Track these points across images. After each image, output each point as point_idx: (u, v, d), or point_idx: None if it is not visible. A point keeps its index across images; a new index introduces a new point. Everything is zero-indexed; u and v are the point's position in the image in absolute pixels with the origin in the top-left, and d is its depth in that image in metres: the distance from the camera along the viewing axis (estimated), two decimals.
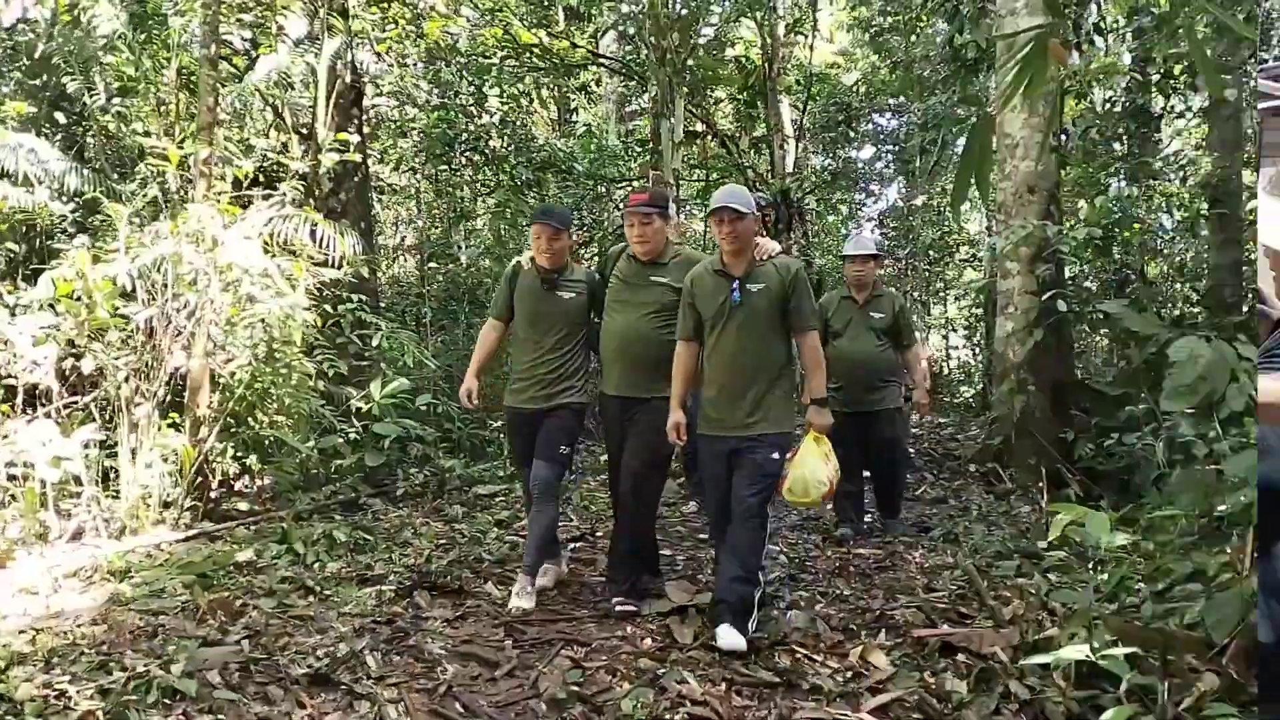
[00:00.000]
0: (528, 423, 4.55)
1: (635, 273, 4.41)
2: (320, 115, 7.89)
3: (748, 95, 14.89)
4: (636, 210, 4.34)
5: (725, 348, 4.01)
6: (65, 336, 5.42)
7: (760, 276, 3.99)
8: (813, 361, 4.07)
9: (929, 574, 5.05)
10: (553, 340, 4.52)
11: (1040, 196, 7.65)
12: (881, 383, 5.98)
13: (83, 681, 3.15)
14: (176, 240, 5.49)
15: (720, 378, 4.04)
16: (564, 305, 4.54)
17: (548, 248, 4.48)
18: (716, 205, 3.94)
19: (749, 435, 3.96)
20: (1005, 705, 3.28)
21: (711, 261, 4.12)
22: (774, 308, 3.98)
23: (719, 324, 4.00)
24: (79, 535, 4.97)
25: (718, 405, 4.06)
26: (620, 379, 4.39)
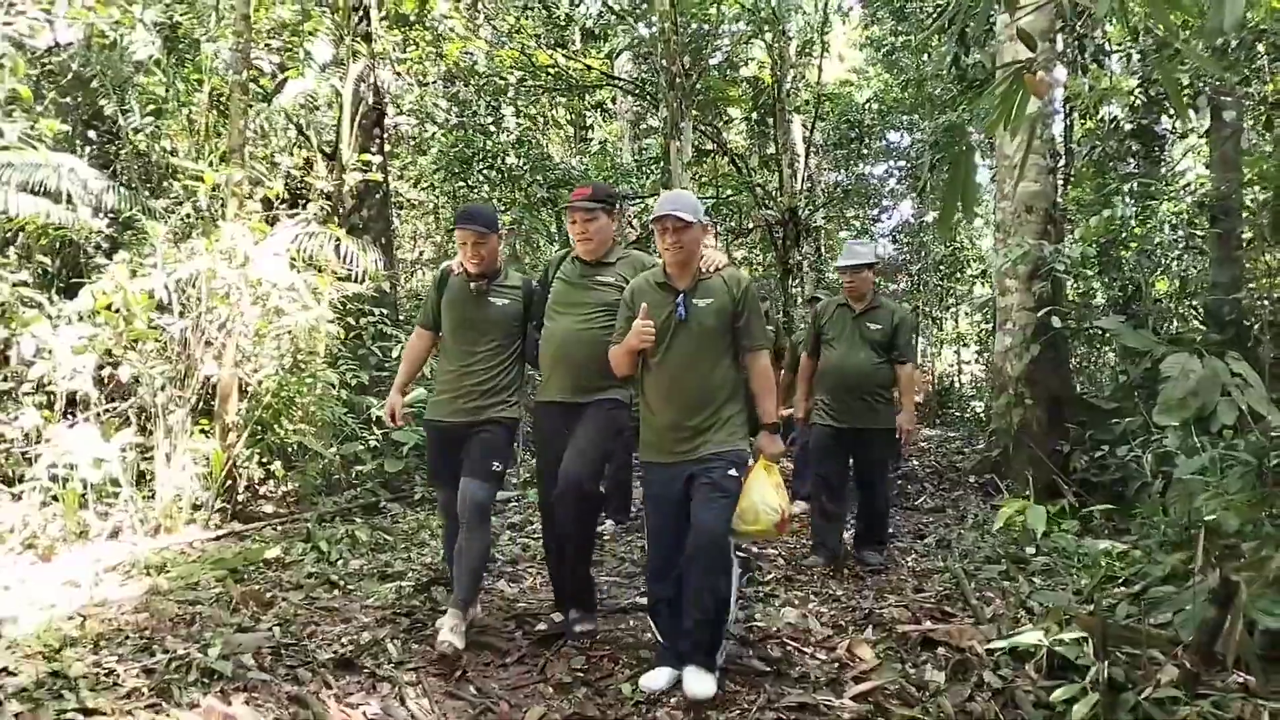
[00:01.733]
0: (450, 438, 4.12)
1: (578, 274, 4.10)
2: (344, 136, 8.22)
3: (758, 114, 15.20)
4: (579, 206, 4.01)
5: (669, 368, 3.64)
6: (103, 346, 5.75)
7: (707, 290, 3.66)
8: (763, 385, 3.72)
9: (919, 577, 5.30)
10: (483, 350, 4.13)
11: (1038, 215, 7.89)
12: (873, 399, 5.56)
13: (129, 662, 3.44)
14: (210, 256, 5.82)
15: (664, 401, 3.66)
16: (495, 313, 4.16)
17: (474, 253, 4.11)
18: (659, 212, 3.61)
19: (699, 457, 3.60)
20: (978, 693, 3.51)
21: (654, 273, 3.78)
22: (722, 324, 3.64)
23: (662, 341, 3.63)
24: (117, 533, 5.27)
25: (662, 431, 3.69)
26: (560, 384, 4.06)
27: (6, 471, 5.47)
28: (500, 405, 4.12)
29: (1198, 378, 5.77)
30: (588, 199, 4.02)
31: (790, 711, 3.46)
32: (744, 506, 3.61)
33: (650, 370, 3.71)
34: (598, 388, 3.99)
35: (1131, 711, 3.05)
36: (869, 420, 5.54)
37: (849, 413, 5.56)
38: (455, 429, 4.10)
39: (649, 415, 3.74)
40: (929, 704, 3.47)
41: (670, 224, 3.57)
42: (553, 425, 4.11)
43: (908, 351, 5.71)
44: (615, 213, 4.14)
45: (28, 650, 3.51)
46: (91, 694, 3.19)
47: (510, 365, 4.19)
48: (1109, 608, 4.11)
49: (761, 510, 3.60)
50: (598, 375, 3.94)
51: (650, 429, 3.75)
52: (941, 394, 17.96)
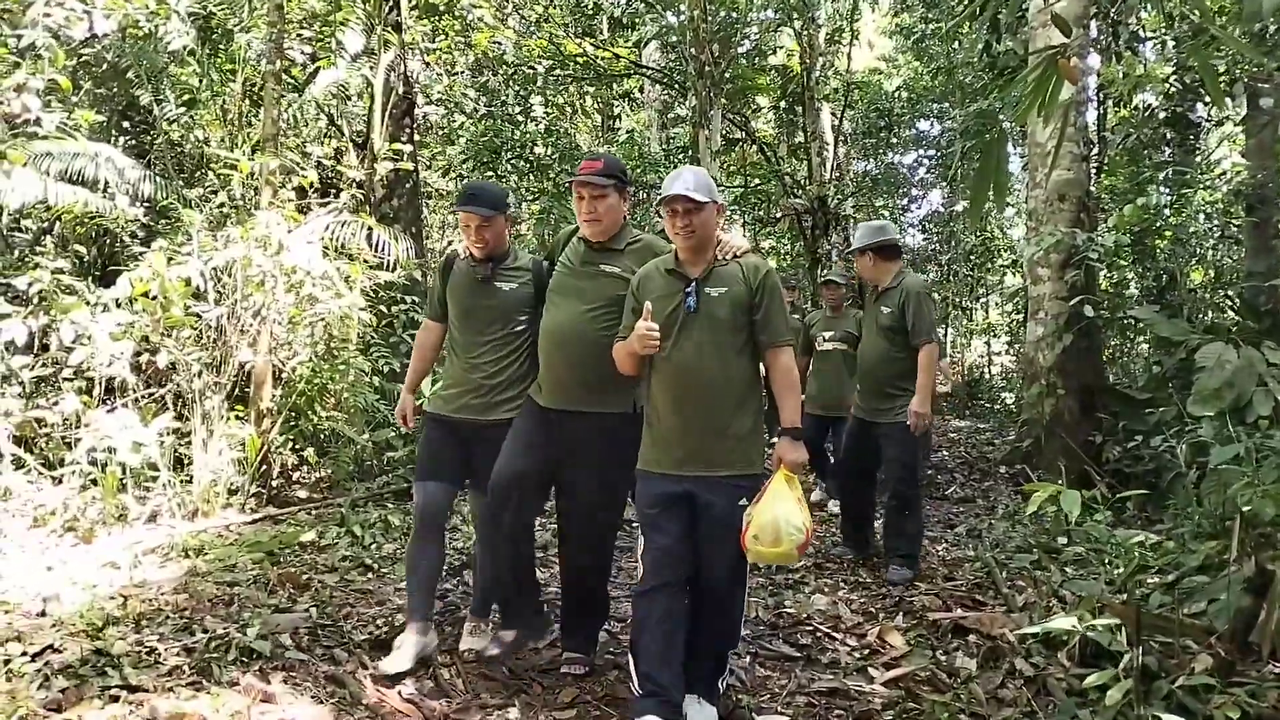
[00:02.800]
0: (452, 435, 3.76)
1: (582, 258, 3.60)
2: (375, 126, 8.28)
3: (787, 102, 15.14)
4: (587, 180, 3.49)
5: (676, 365, 3.18)
6: (141, 333, 5.84)
7: (722, 279, 3.22)
8: (785, 384, 3.22)
9: (950, 565, 5.29)
10: (490, 339, 3.76)
11: (1070, 204, 7.82)
12: (890, 390, 5.13)
13: (169, 640, 3.51)
14: (245, 244, 5.89)
15: (668, 402, 3.21)
16: (502, 298, 3.78)
17: (478, 236, 3.74)
18: (667, 192, 3.18)
19: (706, 477, 3.14)
20: (1010, 681, 3.52)
21: (665, 259, 3.34)
22: (738, 317, 3.19)
23: (669, 335, 3.18)
24: (155, 517, 5.36)
25: (665, 437, 3.22)
26: (555, 387, 3.54)
27: (47, 456, 5.57)
28: (511, 403, 3.71)
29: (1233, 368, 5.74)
30: (598, 173, 3.49)
31: (821, 696, 3.48)
32: (762, 523, 3.04)
33: (657, 367, 3.26)
34: (597, 394, 3.48)
35: (1165, 700, 3.03)
36: (884, 413, 5.15)
37: (869, 405, 5.26)
38: (460, 426, 3.75)
39: (653, 417, 3.29)
40: (960, 690, 3.48)
41: (680, 205, 3.15)
42: (532, 431, 3.56)
43: (922, 329, 5.06)
44: (628, 192, 3.63)
45: (72, 629, 3.59)
46: (134, 671, 3.26)
47: (521, 356, 3.78)
48: (1142, 597, 4.08)
49: (784, 529, 3.04)
50: (597, 379, 3.45)
51: (652, 434, 3.28)
52: (971, 385, 17.86)
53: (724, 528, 3.10)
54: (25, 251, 7.72)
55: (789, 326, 3.29)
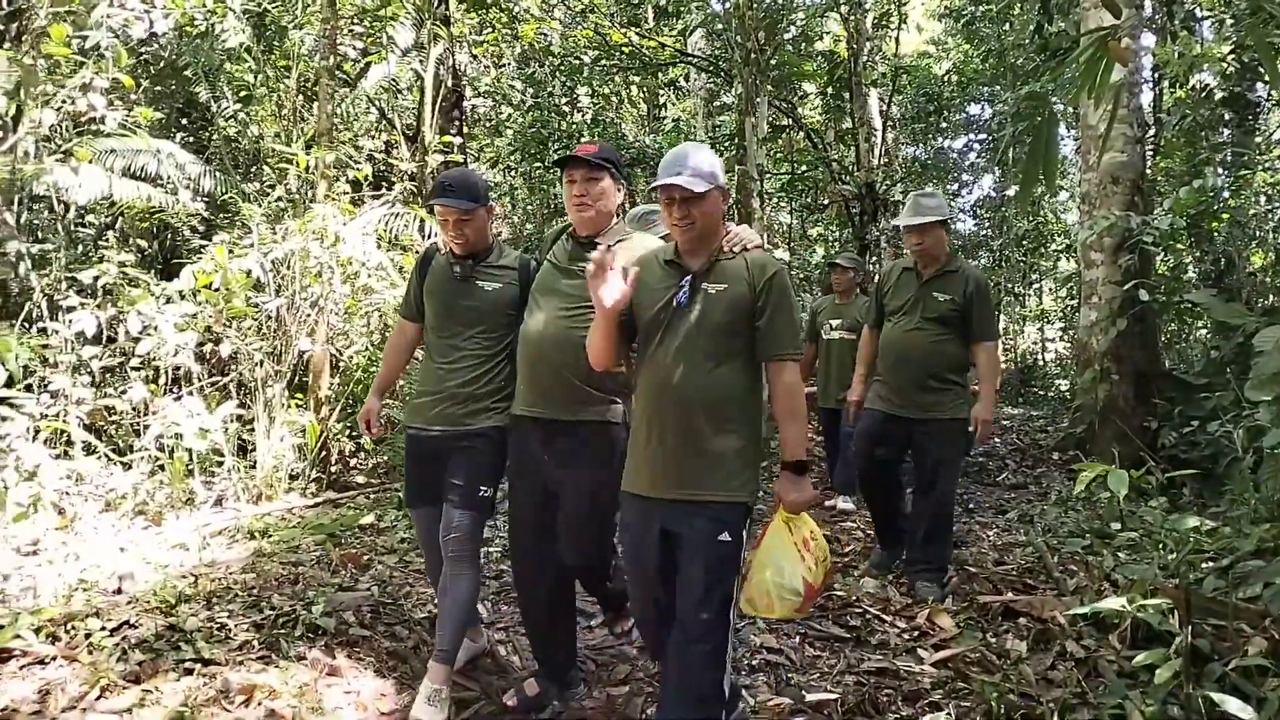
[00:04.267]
0: (431, 452, 3.43)
1: (568, 255, 3.27)
2: (426, 119, 8.42)
3: (834, 88, 15.05)
4: (581, 161, 3.17)
5: (659, 368, 2.74)
6: (204, 323, 6.03)
7: (724, 275, 2.76)
8: (788, 406, 2.72)
9: (1000, 550, 5.29)
10: (469, 344, 3.43)
11: (1124, 187, 7.72)
12: (936, 384, 4.56)
13: (239, 617, 3.66)
14: (303, 237, 6.05)
15: (647, 410, 2.77)
16: (484, 298, 3.44)
17: (456, 232, 3.40)
18: (661, 179, 2.73)
19: (686, 500, 2.68)
20: (1061, 662, 3.53)
21: (665, 249, 2.93)
22: (735, 320, 2.71)
23: (656, 334, 2.76)
24: (221, 501, 5.55)
25: (646, 453, 2.76)
26: (535, 393, 3.22)
27: (117, 442, 5.78)
28: (489, 413, 3.39)
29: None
30: (592, 156, 3.18)
31: (870, 675, 3.52)
32: (753, 582, 2.68)
33: (642, 371, 2.84)
34: (581, 401, 3.15)
35: (1218, 682, 3.04)
36: (930, 409, 4.54)
37: (907, 399, 4.59)
38: (438, 441, 3.41)
39: (636, 427, 2.86)
40: (1010, 671, 3.50)
41: (677, 194, 2.69)
42: (528, 448, 3.27)
43: (987, 327, 4.61)
44: (622, 183, 3.29)
45: (146, 605, 3.75)
46: (206, 646, 3.42)
47: (501, 363, 3.42)
48: (1196, 581, 4.06)
49: (776, 592, 2.66)
50: (582, 385, 3.13)
51: (633, 448, 2.86)
52: (1025, 372, 17.64)
53: (696, 565, 2.61)
54: (90, 246, 8.01)
55: (796, 339, 2.81)
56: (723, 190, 2.81)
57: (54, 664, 3.33)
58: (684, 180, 2.66)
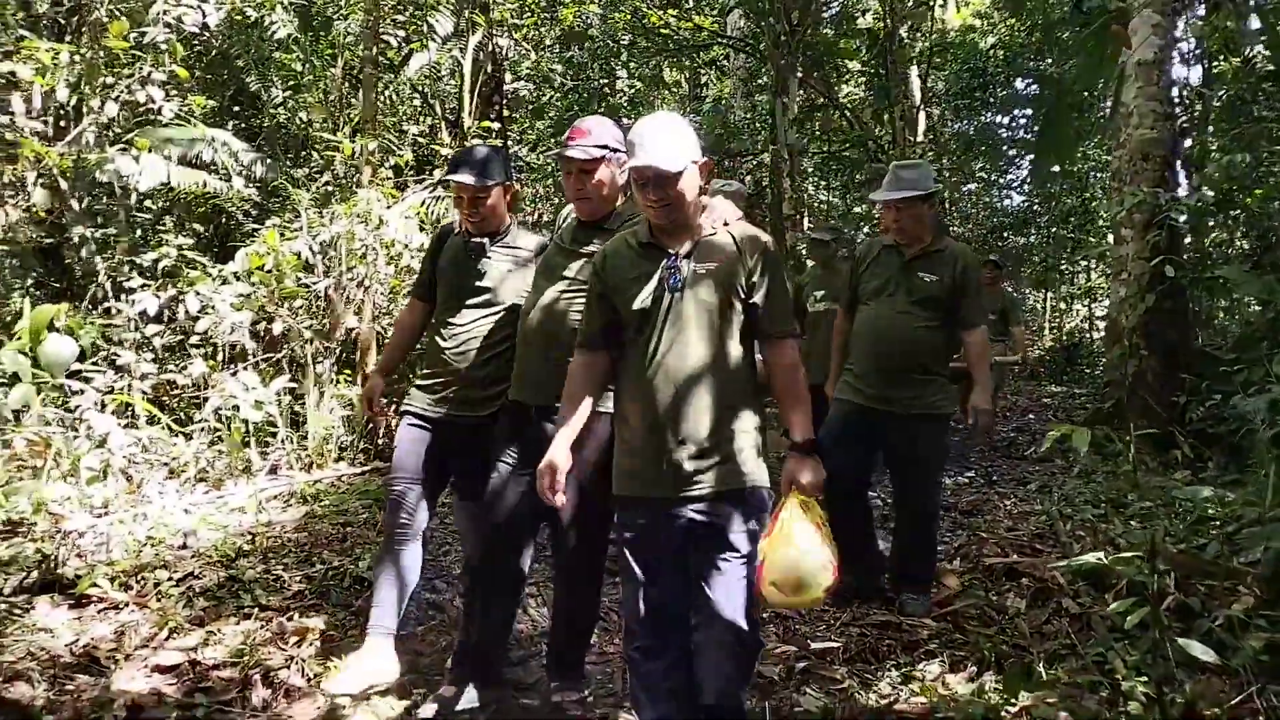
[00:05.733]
0: (436, 435, 3.35)
1: (575, 237, 3.14)
2: (466, 104, 8.71)
3: (873, 65, 15.07)
4: (575, 154, 2.99)
5: (656, 359, 2.53)
6: (258, 303, 6.39)
7: (710, 252, 2.57)
8: (790, 385, 2.61)
9: (1016, 518, 5.47)
10: (480, 327, 3.33)
11: (1154, 163, 7.76)
12: (919, 375, 4.05)
13: (293, 570, 4.01)
14: (349, 220, 6.38)
15: (644, 406, 2.54)
16: (496, 280, 3.35)
17: (471, 209, 3.34)
18: (633, 162, 2.49)
19: (699, 496, 2.49)
20: (1056, 618, 3.74)
21: (637, 231, 2.68)
22: (728, 299, 2.54)
23: (648, 324, 2.55)
24: (275, 469, 5.91)
25: (644, 452, 2.55)
26: (531, 380, 3.07)
27: (179, 414, 6.18)
28: (495, 401, 3.29)
29: None
30: (585, 143, 3.00)
31: (873, 628, 3.76)
32: (779, 567, 2.46)
33: (626, 366, 2.63)
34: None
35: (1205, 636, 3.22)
36: (911, 403, 4.02)
37: (883, 391, 4.06)
38: (443, 424, 3.33)
39: (623, 428, 2.63)
40: (1006, 625, 3.71)
41: (650, 174, 2.47)
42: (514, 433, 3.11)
43: (976, 312, 4.17)
44: (622, 162, 2.96)
45: (209, 559, 4.12)
46: (263, 594, 3.77)
47: (512, 349, 3.26)
48: (1199, 547, 4.22)
49: (806, 574, 2.45)
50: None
51: (626, 448, 2.61)
52: (1070, 350, 17.55)
53: (721, 561, 2.48)
54: (149, 231, 8.43)
55: (791, 314, 2.66)
56: (701, 163, 2.57)
57: (127, 609, 3.70)
58: (657, 159, 2.44)
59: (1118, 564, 2.94)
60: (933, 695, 3.12)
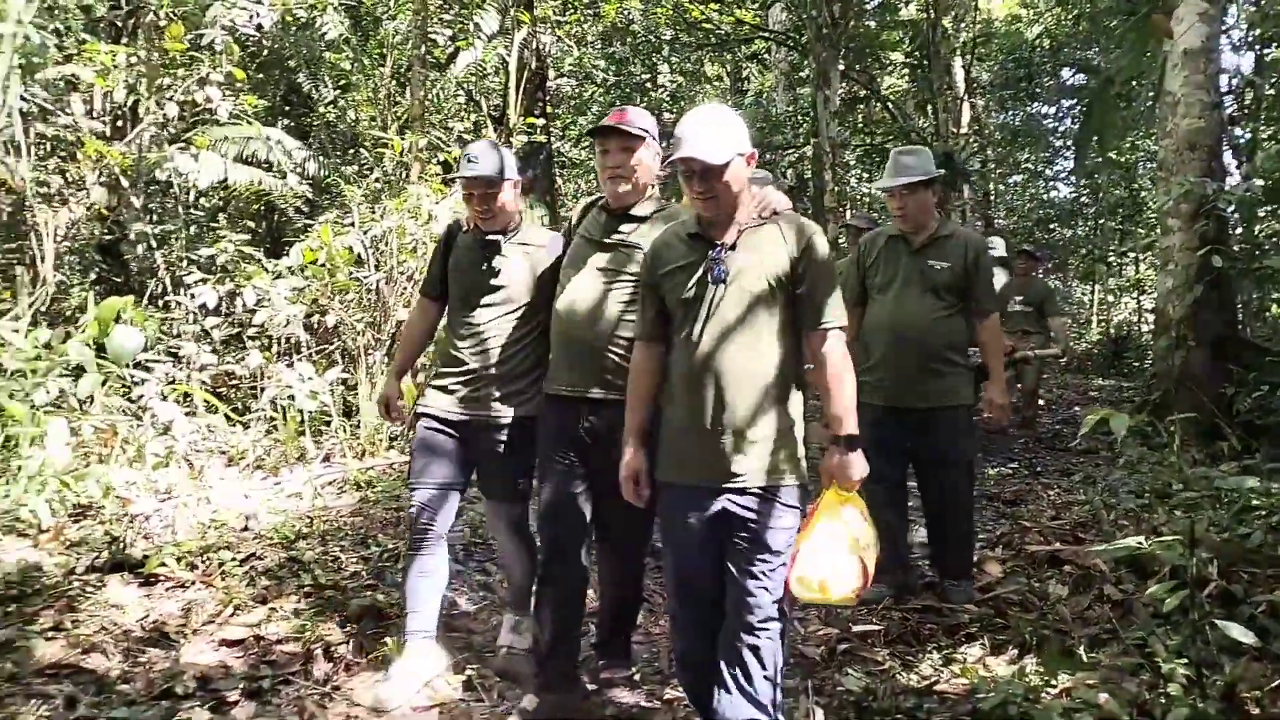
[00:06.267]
0: (451, 434, 3.32)
1: (600, 227, 3.09)
2: (511, 101, 8.85)
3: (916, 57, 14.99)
4: (614, 129, 2.99)
5: (699, 350, 2.56)
6: (312, 296, 6.58)
7: (756, 243, 2.59)
8: (836, 378, 2.57)
9: (1059, 508, 5.48)
10: (493, 324, 3.30)
11: (1201, 153, 7.67)
12: (939, 366, 3.97)
13: (349, 552, 4.17)
14: (399, 215, 6.54)
15: (689, 396, 2.59)
16: (509, 275, 3.31)
17: (480, 206, 3.32)
18: (677, 153, 2.50)
19: (738, 488, 2.54)
20: (1098, 604, 3.77)
21: (685, 223, 2.72)
22: (774, 290, 2.55)
23: (691, 314, 2.59)
24: (329, 457, 6.09)
25: (686, 439, 2.61)
26: (571, 370, 3.03)
27: (237, 404, 6.38)
28: (515, 399, 3.28)
29: None
30: (629, 121, 3.00)
31: (914, 612, 3.81)
32: (808, 567, 2.50)
33: (675, 350, 2.66)
34: (616, 380, 2.95)
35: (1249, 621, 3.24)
36: (935, 395, 3.96)
37: (908, 387, 3.97)
38: (459, 424, 3.31)
39: (669, 412, 2.68)
40: (1048, 611, 3.75)
41: (695, 166, 2.50)
42: (558, 426, 3.08)
43: (990, 298, 4.13)
44: (658, 151, 3.09)
45: (270, 541, 4.29)
46: (322, 573, 3.93)
47: (528, 345, 3.31)
48: (1243, 535, 4.22)
49: (834, 573, 2.50)
50: (619, 361, 2.96)
51: (670, 432, 2.68)
52: (1118, 343, 17.32)
53: (753, 546, 2.52)
54: (203, 228, 8.69)
55: (838, 304, 2.60)
56: (747, 155, 2.57)
57: (193, 587, 3.87)
58: (701, 152, 2.46)
59: (1158, 549, 2.97)
60: (974, 676, 3.18)
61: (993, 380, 4.11)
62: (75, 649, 3.30)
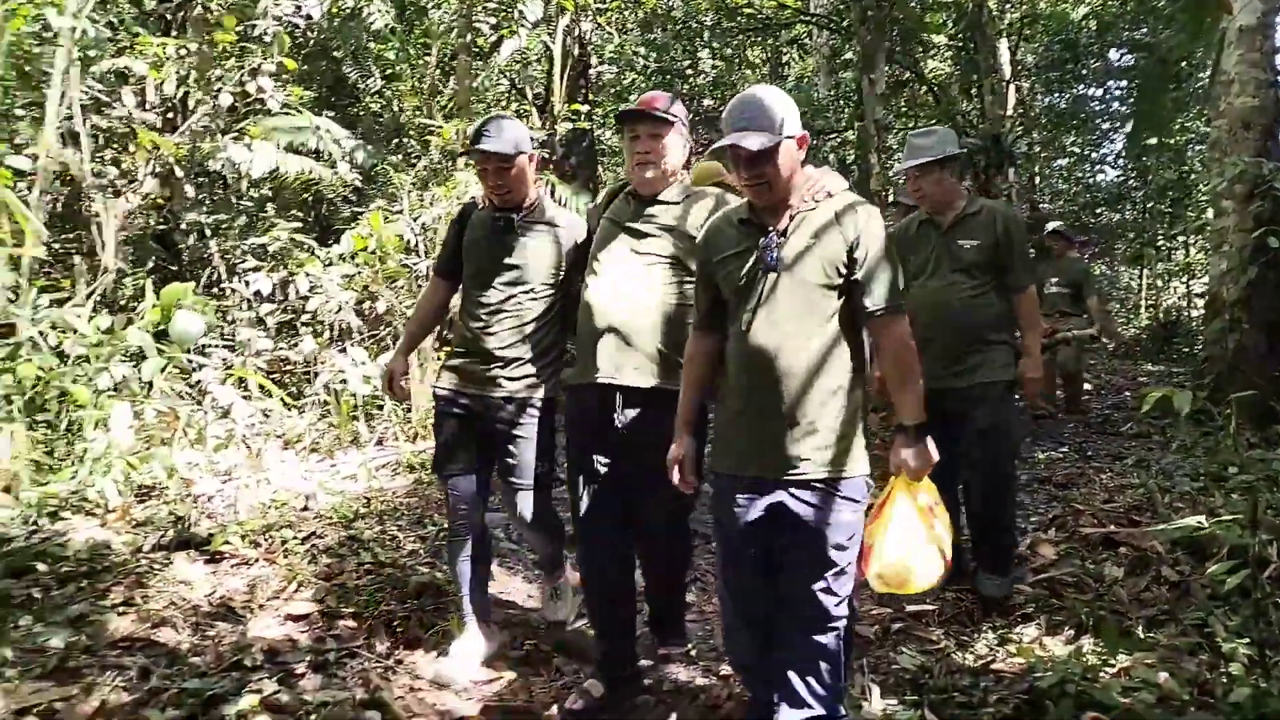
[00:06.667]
0: (465, 420, 3.28)
1: (629, 214, 3.03)
2: (556, 88, 8.89)
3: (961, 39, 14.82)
4: (644, 114, 2.93)
5: (754, 339, 2.49)
6: (363, 283, 6.68)
7: (810, 227, 2.49)
8: (898, 363, 2.52)
9: (1112, 491, 5.43)
10: (510, 304, 3.21)
11: (1256, 132, 7.53)
12: (978, 345, 3.86)
13: (407, 531, 4.26)
14: (447, 203, 6.62)
15: (743, 384, 2.54)
16: (527, 255, 3.22)
17: (495, 183, 3.22)
18: (725, 140, 2.45)
19: (798, 480, 2.46)
20: (1155, 585, 3.75)
21: (738, 209, 2.66)
22: (830, 275, 2.46)
23: (745, 302, 2.52)
24: (382, 441, 6.19)
25: (742, 429, 2.55)
26: (603, 361, 2.93)
27: (291, 389, 6.50)
28: (531, 381, 3.21)
29: None
30: (659, 107, 2.95)
31: (968, 592, 3.81)
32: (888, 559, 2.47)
33: (731, 339, 2.59)
34: (655, 367, 2.91)
35: None
36: (972, 373, 3.84)
37: (948, 368, 3.82)
38: (474, 406, 3.25)
39: (724, 401, 2.64)
40: (1104, 592, 3.74)
41: (744, 153, 2.42)
42: (596, 421, 2.98)
43: (1024, 271, 3.96)
44: (689, 137, 3.05)
45: (329, 520, 4.38)
46: (381, 551, 4.01)
47: (545, 326, 3.25)
48: None
49: (915, 562, 2.45)
50: (655, 350, 2.90)
51: (725, 422, 2.62)
52: (1167, 328, 17.04)
53: (815, 541, 2.45)
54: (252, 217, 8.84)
55: (898, 290, 2.51)
56: (798, 138, 2.50)
57: (257, 564, 3.97)
58: (749, 139, 2.39)
59: (1218, 529, 2.95)
60: (1030, 656, 3.18)
61: (1026, 355, 3.95)
62: (146, 623, 3.40)
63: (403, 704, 2.97)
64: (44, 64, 6.18)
